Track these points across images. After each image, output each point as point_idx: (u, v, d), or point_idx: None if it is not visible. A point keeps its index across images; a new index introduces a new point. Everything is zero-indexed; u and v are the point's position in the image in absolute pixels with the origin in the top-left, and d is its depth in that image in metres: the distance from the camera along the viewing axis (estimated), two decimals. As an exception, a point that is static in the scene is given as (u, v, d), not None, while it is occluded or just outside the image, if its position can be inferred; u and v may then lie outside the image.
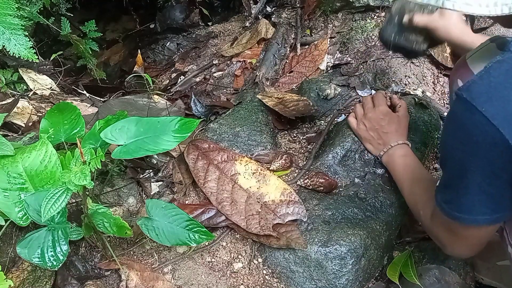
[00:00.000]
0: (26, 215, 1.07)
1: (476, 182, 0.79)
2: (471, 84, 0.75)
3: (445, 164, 0.88)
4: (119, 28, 2.80)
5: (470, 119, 0.74)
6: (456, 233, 0.93)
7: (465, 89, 0.76)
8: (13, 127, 1.52)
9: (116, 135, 1.09)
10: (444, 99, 1.65)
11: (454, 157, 0.82)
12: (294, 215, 1.22)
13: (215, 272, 1.22)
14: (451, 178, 0.87)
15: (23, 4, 1.73)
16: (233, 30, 2.28)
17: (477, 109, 0.72)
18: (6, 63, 1.76)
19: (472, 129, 0.74)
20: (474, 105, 0.73)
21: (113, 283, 1.21)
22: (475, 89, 0.75)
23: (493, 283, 1.21)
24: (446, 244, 1.00)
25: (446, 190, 0.89)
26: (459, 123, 0.78)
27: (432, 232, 1.04)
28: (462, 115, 0.76)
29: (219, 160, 1.35)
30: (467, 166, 0.78)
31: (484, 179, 0.78)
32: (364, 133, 1.32)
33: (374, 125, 1.30)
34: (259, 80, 1.75)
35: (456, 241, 0.96)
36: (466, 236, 0.93)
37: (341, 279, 1.17)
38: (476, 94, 0.74)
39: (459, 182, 0.83)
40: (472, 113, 0.73)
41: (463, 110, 0.76)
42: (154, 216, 1.09)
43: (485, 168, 0.76)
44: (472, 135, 0.75)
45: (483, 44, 0.96)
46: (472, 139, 0.75)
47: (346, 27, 1.89)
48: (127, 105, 1.68)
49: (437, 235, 1.02)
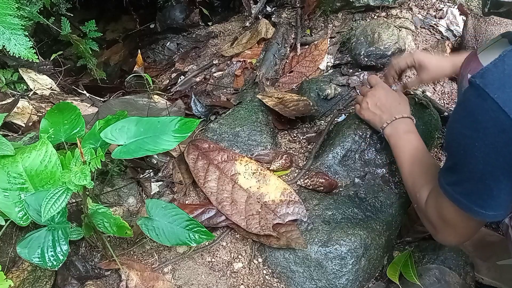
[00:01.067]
0: (26, 215, 1.07)
1: (479, 170, 0.79)
2: (485, 71, 0.76)
3: (451, 150, 0.88)
4: (119, 28, 2.80)
5: (481, 105, 0.75)
6: (447, 219, 0.95)
7: (478, 76, 0.76)
8: (13, 127, 1.52)
9: (116, 135, 1.09)
10: (444, 99, 1.65)
11: (461, 143, 0.81)
12: (294, 215, 1.22)
13: (215, 272, 1.22)
14: (455, 163, 0.86)
15: (23, 4, 1.72)
16: (233, 30, 2.28)
17: (489, 96, 0.73)
18: (6, 63, 1.76)
19: (482, 115, 0.75)
20: (486, 92, 0.73)
21: (113, 283, 1.21)
22: (489, 76, 0.75)
23: (493, 283, 1.21)
24: (437, 229, 1.01)
25: (450, 173, 0.89)
26: (469, 109, 0.78)
27: (425, 215, 1.04)
28: (473, 101, 0.77)
29: (219, 160, 1.35)
30: (472, 152, 0.78)
31: (487, 167, 0.78)
32: (367, 112, 1.31)
33: (375, 101, 1.29)
34: (259, 80, 1.75)
35: (446, 228, 0.98)
36: (456, 224, 0.94)
37: (341, 279, 1.17)
38: (489, 81, 0.74)
39: (463, 168, 0.83)
40: (483, 99, 0.74)
41: (475, 96, 0.76)
42: (154, 216, 1.09)
43: (490, 155, 0.76)
44: (482, 121, 0.75)
45: (494, 39, 0.97)
46: (481, 125, 0.75)
47: (346, 27, 1.89)
48: (127, 105, 1.68)
49: (429, 219, 1.02)
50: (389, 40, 1.62)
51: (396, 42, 1.63)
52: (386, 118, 1.25)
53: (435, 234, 1.04)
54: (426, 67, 1.30)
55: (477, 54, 0.98)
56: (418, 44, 1.77)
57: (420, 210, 1.07)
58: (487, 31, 1.62)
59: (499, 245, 1.15)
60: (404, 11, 1.87)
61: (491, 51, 0.95)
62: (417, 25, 1.83)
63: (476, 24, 1.64)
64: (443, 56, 1.38)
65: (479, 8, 1.94)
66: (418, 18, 1.85)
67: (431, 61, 1.30)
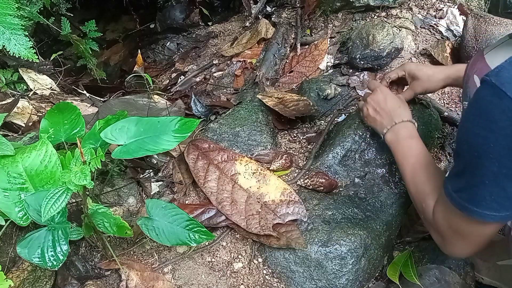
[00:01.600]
0: (26, 215, 1.07)
1: (493, 172, 0.77)
2: (501, 69, 0.75)
3: (461, 152, 0.85)
4: (119, 28, 2.80)
5: (497, 104, 0.73)
6: (458, 229, 0.91)
7: (493, 75, 0.75)
8: (13, 127, 1.52)
9: (116, 135, 1.09)
10: (444, 99, 1.65)
11: (473, 144, 0.79)
12: (294, 215, 1.22)
13: (215, 272, 1.22)
14: (466, 166, 0.84)
15: (23, 4, 1.73)
16: (233, 30, 2.29)
17: (506, 94, 0.72)
18: (6, 63, 1.76)
19: (498, 114, 0.73)
20: (503, 90, 0.72)
21: (113, 283, 1.21)
22: (505, 75, 0.74)
23: (493, 283, 1.21)
24: (446, 241, 0.97)
25: (458, 179, 0.87)
26: (484, 108, 0.76)
27: (433, 226, 0.99)
28: (488, 100, 0.75)
29: (219, 160, 1.35)
30: (486, 153, 0.76)
31: (501, 169, 0.76)
32: (368, 118, 1.29)
33: (375, 106, 1.27)
34: (259, 80, 1.76)
35: (457, 239, 0.94)
36: (468, 233, 0.90)
37: (341, 279, 1.17)
38: (505, 79, 0.73)
39: (475, 171, 0.81)
40: (500, 98, 0.72)
41: (490, 95, 0.75)
42: (154, 216, 1.09)
43: (506, 157, 0.75)
44: (498, 120, 0.73)
45: (501, 40, 0.96)
46: (497, 124, 0.74)
47: (346, 27, 1.89)
48: (127, 105, 1.68)
49: (437, 230, 0.98)
50: (384, 40, 1.62)
51: (391, 42, 1.62)
52: (386, 123, 1.22)
53: (443, 246, 0.99)
54: (418, 78, 1.29)
55: (484, 54, 0.97)
56: (418, 44, 1.77)
57: (427, 221, 1.02)
58: (487, 31, 1.62)
59: (500, 245, 1.14)
60: (404, 11, 1.87)
61: (498, 52, 0.93)
62: (417, 25, 1.83)
63: (476, 24, 1.64)
64: (436, 67, 1.36)
65: (479, 8, 1.94)
66: (418, 18, 1.85)
67: (422, 72, 1.29)
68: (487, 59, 0.95)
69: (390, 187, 1.32)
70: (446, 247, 0.98)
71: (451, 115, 1.56)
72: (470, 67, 1.01)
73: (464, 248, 0.95)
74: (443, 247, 0.99)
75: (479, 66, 0.95)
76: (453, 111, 1.58)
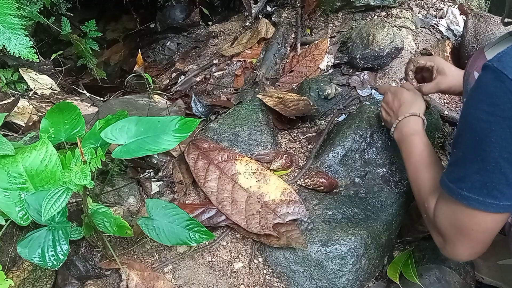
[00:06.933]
0: (27, 214, 1.07)
1: (493, 157, 0.77)
2: (503, 55, 0.77)
3: (462, 139, 0.85)
4: (119, 27, 2.80)
5: (499, 87, 0.75)
6: (459, 226, 0.89)
7: (495, 60, 0.77)
8: (14, 127, 1.52)
9: (116, 134, 1.09)
10: (444, 99, 1.65)
11: (476, 129, 0.80)
12: (295, 214, 1.22)
13: (216, 272, 1.22)
14: (466, 153, 0.83)
15: (24, 4, 1.73)
16: (233, 30, 2.28)
17: (508, 77, 0.73)
18: (6, 63, 1.76)
19: (501, 97, 0.75)
20: (505, 74, 0.74)
21: (114, 283, 1.21)
22: (507, 59, 0.76)
23: (493, 282, 1.21)
24: (447, 241, 0.94)
25: (457, 168, 0.86)
26: (486, 92, 0.78)
27: (434, 226, 0.97)
28: (491, 84, 0.77)
29: (219, 160, 1.35)
30: (488, 138, 0.77)
31: (502, 153, 0.77)
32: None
33: (386, 108, 1.27)
34: (260, 80, 1.76)
35: (458, 238, 0.91)
36: (469, 229, 0.88)
37: (342, 278, 1.17)
38: (507, 63, 0.75)
39: (475, 157, 0.81)
40: (502, 81, 0.74)
41: (492, 79, 0.76)
42: (154, 215, 1.09)
43: (507, 140, 0.75)
44: (500, 103, 0.75)
45: (501, 37, 0.97)
46: (499, 107, 0.75)
47: (346, 26, 1.89)
48: (127, 104, 1.68)
49: (438, 229, 0.95)
50: (384, 40, 1.62)
51: (391, 41, 1.63)
52: (393, 122, 1.21)
53: (444, 246, 0.96)
54: (446, 73, 1.27)
55: (484, 51, 0.98)
56: (419, 44, 1.77)
57: (429, 221, 1.00)
58: (487, 30, 1.62)
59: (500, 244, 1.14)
60: (405, 10, 1.87)
61: (498, 49, 0.93)
62: (417, 25, 1.83)
63: (477, 23, 1.64)
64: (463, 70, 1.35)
65: (480, 8, 1.94)
66: (418, 18, 1.85)
67: (451, 70, 1.28)
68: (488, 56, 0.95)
69: (390, 186, 1.32)
70: (447, 249, 0.96)
71: (451, 115, 1.56)
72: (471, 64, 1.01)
73: (465, 248, 0.92)
74: (444, 248, 0.97)
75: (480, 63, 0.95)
76: (453, 111, 1.58)
